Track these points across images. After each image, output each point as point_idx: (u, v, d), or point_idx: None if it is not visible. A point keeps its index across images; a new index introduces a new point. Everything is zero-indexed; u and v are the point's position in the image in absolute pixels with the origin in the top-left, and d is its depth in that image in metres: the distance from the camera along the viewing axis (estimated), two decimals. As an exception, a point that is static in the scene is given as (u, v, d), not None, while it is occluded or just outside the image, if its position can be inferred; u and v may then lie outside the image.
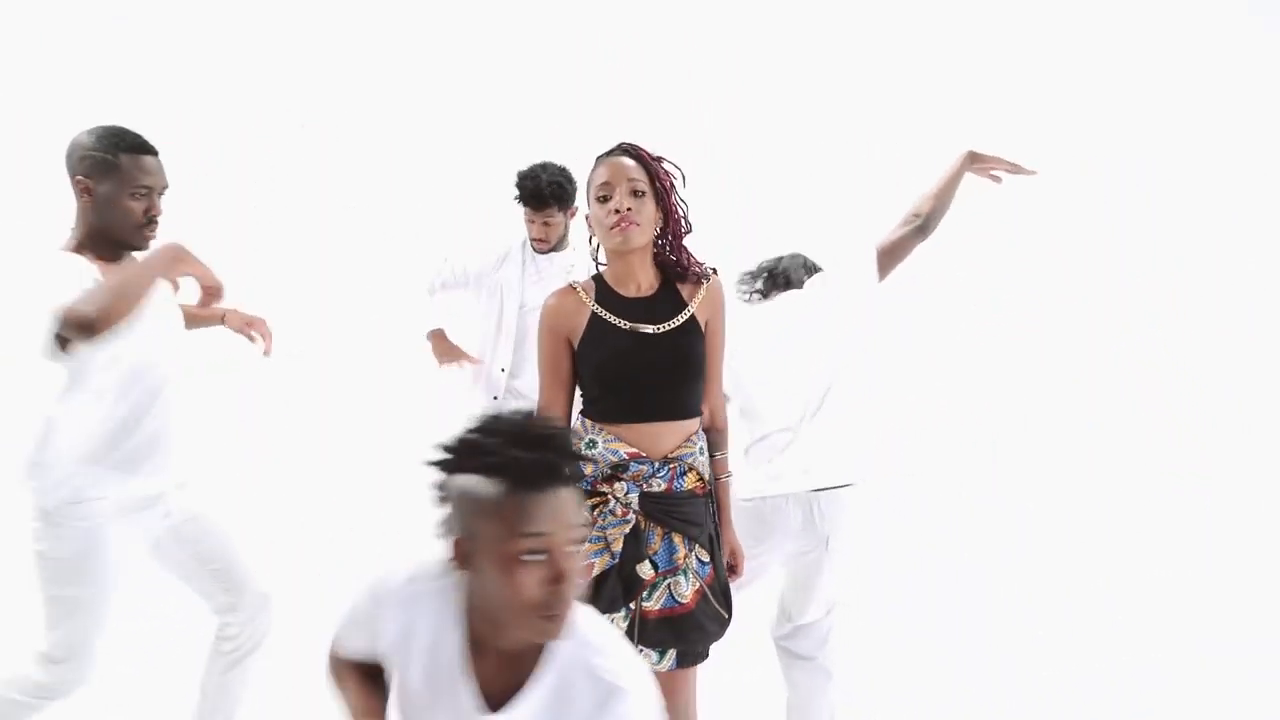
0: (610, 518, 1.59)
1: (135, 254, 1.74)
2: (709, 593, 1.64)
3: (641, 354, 1.60)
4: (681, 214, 1.65)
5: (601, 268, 1.69)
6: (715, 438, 1.75)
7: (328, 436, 4.26)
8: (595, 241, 1.66)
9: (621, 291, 1.64)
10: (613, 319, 1.60)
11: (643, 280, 1.64)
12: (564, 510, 1.00)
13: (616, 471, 1.60)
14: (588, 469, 1.63)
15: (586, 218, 1.66)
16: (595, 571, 1.58)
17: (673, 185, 1.63)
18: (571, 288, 1.66)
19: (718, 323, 1.68)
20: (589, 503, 1.60)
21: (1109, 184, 4.92)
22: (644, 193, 1.57)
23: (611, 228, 1.55)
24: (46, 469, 1.71)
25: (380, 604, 1.15)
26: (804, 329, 1.97)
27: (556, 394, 1.68)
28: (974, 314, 4.60)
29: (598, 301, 1.62)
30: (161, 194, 1.71)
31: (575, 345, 1.63)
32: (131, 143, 1.66)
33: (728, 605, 1.69)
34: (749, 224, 4.67)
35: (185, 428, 1.83)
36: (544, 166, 2.69)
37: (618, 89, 4.82)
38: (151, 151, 1.69)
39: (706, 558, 1.65)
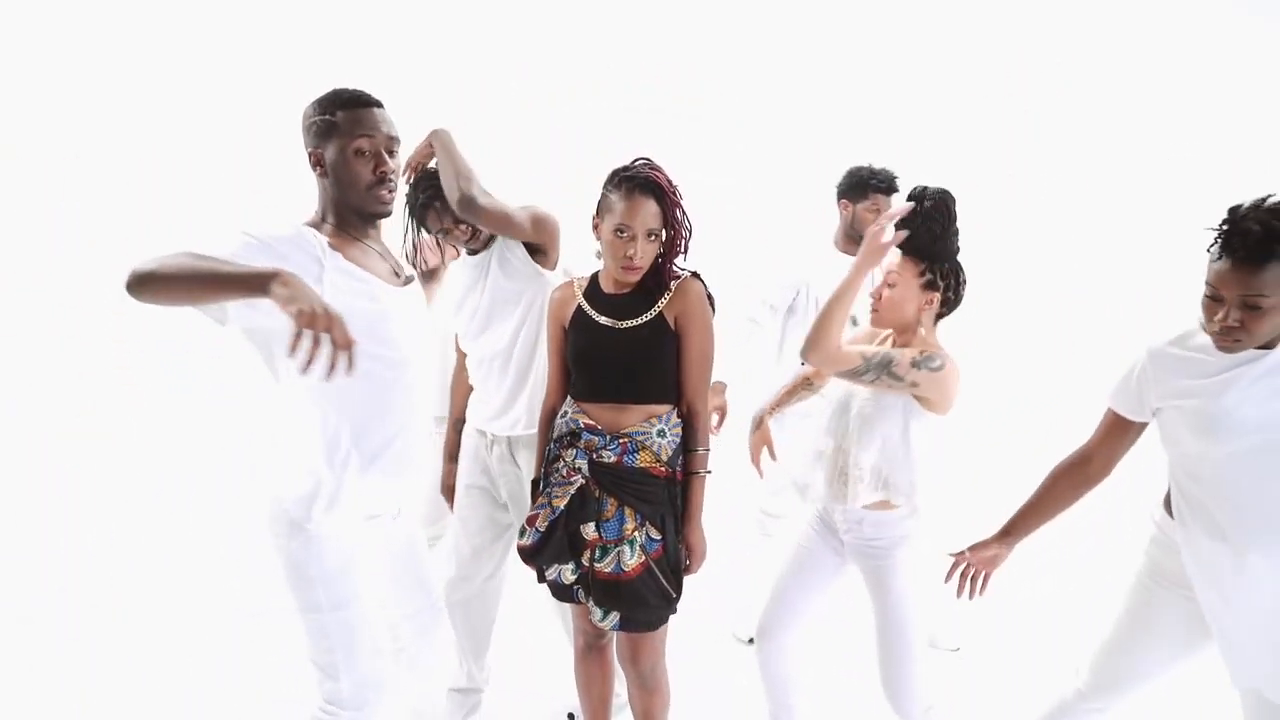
0: (558, 477, 1.79)
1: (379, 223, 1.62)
2: (655, 567, 1.75)
3: (606, 344, 1.77)
4: (684, 237, 1.78)
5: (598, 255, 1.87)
6: (690, 434, 1.82)
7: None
8: (599, 248, 1.83)
9: (605, 289, 1.83)
10: (590, 311, 1.81)
11: (624, 282, 1.80)
12: None
13: (573, 439, 1.79)
14: (553, 434, 1.86)
15: (597, 226, 1.78)
16: (540, 522, 1.77)
17: (681, 213, 1.76)
18: (571, 282, 1.89)
19: (691, 321, 1.77)
20: (554, 464, 1.82)
21: (1110, 186, 4.93)
22: (656, 235, 1.73)
23: (623, 267, 1.73)
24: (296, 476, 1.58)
25: None
26: None
27: (559, 373, 1.91)
28: (977, 313, 4.60)
29: (585, 295, 1.84)
30: (391, 150, 1.57)
31: (566, 331, 1.86)
32: (348, 97, 1.54)
33: (677, 584, 1.80)
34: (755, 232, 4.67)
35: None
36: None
37: (623, 94, 4.84)
38: (371, 104, 1.56)
39: (658, 535, 1.76)
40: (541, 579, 1.90)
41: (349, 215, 1.61)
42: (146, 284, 1.27)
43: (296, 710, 2.40)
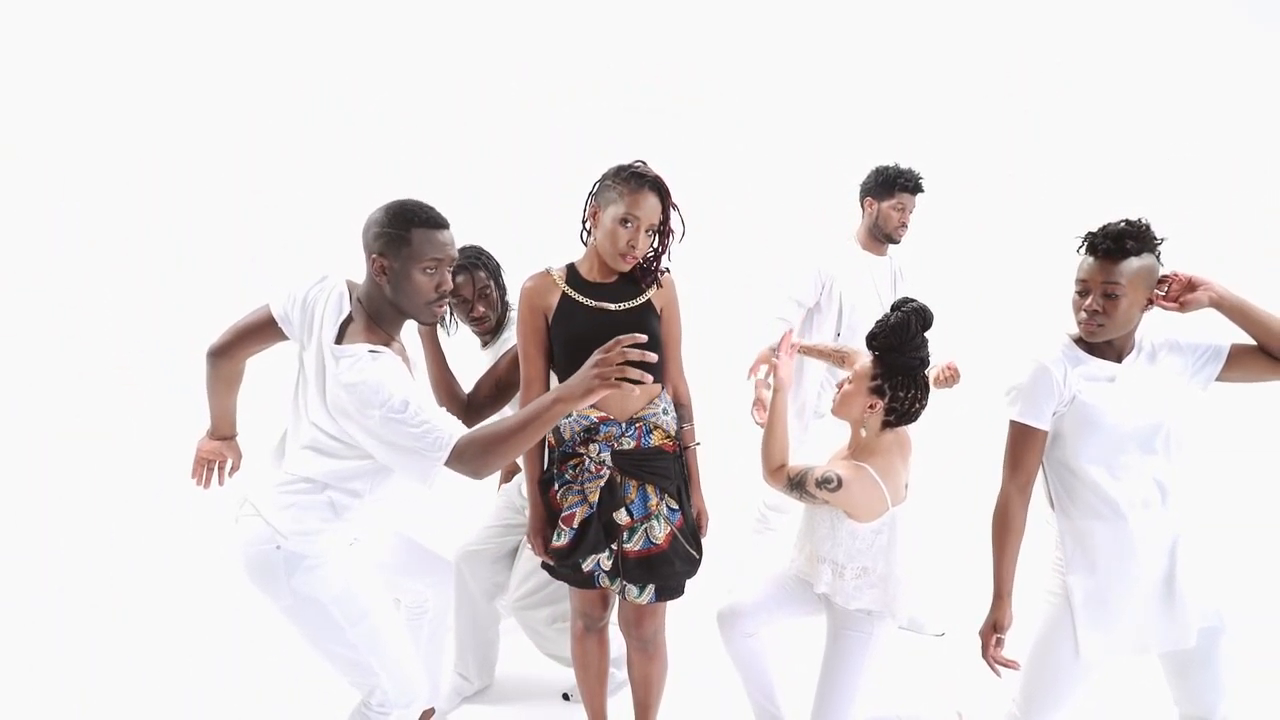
0: (587, 474, 1.87)
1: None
2: (679, 535, 1.89)
3: (606, 328, 1.79)
4: (674, 236, 1.89)
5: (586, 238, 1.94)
6: (681, 411, 1.98)
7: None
8: (592, 232, 1.89)
9: (589, 277, 1.90)
10: (580, 298, 1.86)
11: (609, 271, 1.89)
12: None
13: (590, 434, 1.86)
14: (565, 434, 1.88)
15: (595, 213, 1.85)
16: (577, 520, 1.86)
17: (676, 217, 1.88)
18: (547, 272, 1.92)
19: (673, 312, 1.95)
20: (570, 463, 1.89)
21: (1110, 186, 4.93)
22: (654, 231, 1.84)
23: (622, 254, 1.82)
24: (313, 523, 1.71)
25: None
26: None
27: (538, 365, 1.91)
28: (967, 316, 4.61)
29: (568, 284, 1.89)
30: (451, 266, 1.71)
31: (549, 321, 1.89)
32: (424, 218, 1.64)
33: (698, 546, 1.95)
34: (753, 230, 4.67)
35: None
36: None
37: (622, 94, 4.84)
38: (443, 225, 1.68)
39: (676, 505, 1.91)
40: (575, 574, 1.93)
41: (393, 315, 1.72)
42: (494, 463, 1.54)
43: (296, 710, 2.42)
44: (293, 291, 1.77)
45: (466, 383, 2.21)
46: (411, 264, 1.64)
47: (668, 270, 1.96)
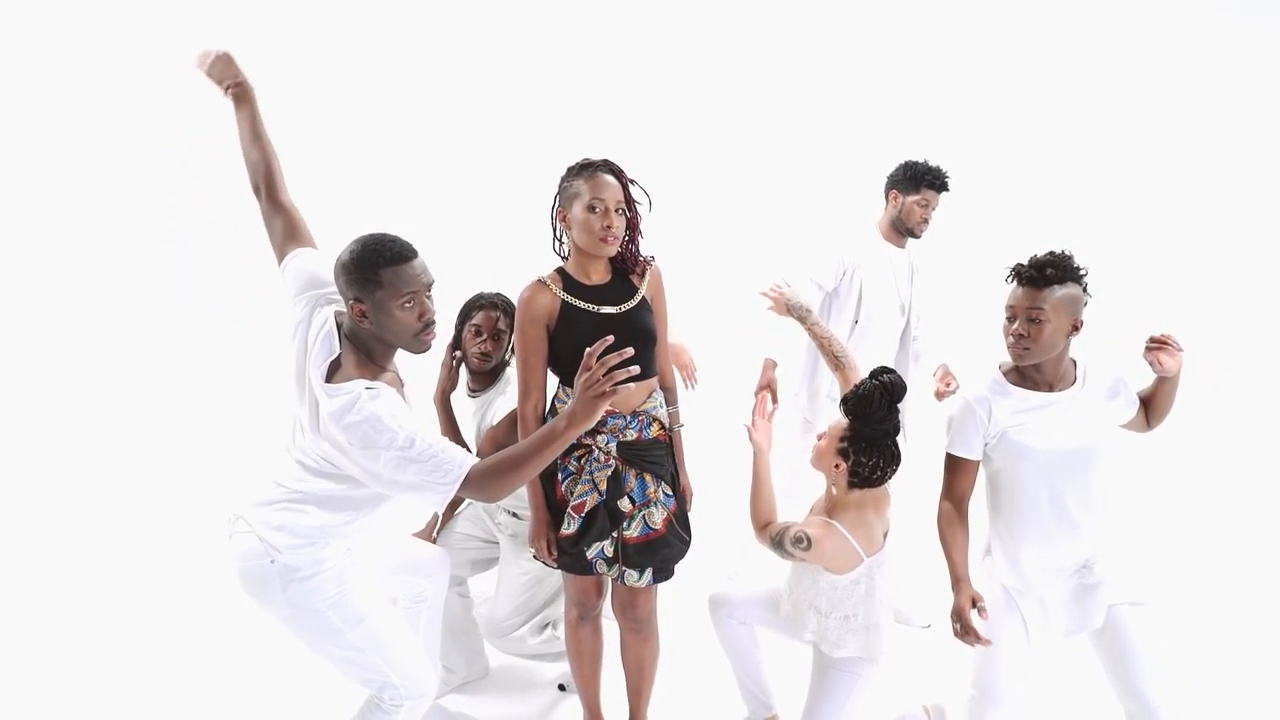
0: (596, 464, 1.95)
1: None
2: (674, 519, 2.00)
3: (608, 330, 1.79)
4: (639, 216, 1.96)
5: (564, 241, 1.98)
6: (666, 395, 2.08)
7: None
8: (564, 236, 1.96)
9: (583, 281, 1.95)
10: (581, 304, 1.92)
11: (601, 271, 1.96)
12: None
13: (597, 426, 1.87)
14: None
15: (564, 217, 1.92)
16: (588, 507, 1.94)
17: (638, 192, 1.95)
18: (542, 281, 1.94)
19: (660, 301, 2.04)
20: (576, 454, 1.97)
21: (1109, 186, 4.94)
22: (623, 210, 1.90)
23: (602, 239, 1.86)
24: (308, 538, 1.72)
25: None
26: None
27: (538, 373, 1.97)
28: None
29: (565, 291, 1.93)
30: (429, 293, 1.68)
31: (550, 330, 1.92)
32: (389, 255, 1.61)
33: (687, 530, 2.07)
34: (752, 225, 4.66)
35: None
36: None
37: (615, 91, 4.85)
38: (410, 256, 1.64)
39: (670, 491, 2.01)
40: (577, 561, 1.99)
41: (382, 349, 1.71)
42: (509, 488, 1.57)
43: (295, 711, 2.42)
44: (306, 280, 1.78)
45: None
46: (389, 303, 1.62)
47: (653, 259, 2.03)
